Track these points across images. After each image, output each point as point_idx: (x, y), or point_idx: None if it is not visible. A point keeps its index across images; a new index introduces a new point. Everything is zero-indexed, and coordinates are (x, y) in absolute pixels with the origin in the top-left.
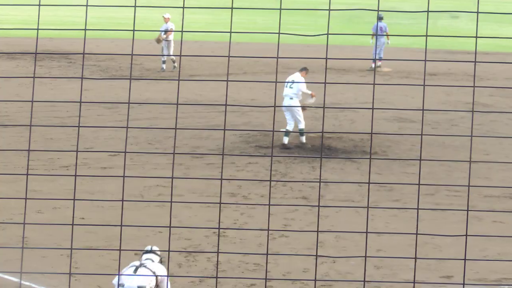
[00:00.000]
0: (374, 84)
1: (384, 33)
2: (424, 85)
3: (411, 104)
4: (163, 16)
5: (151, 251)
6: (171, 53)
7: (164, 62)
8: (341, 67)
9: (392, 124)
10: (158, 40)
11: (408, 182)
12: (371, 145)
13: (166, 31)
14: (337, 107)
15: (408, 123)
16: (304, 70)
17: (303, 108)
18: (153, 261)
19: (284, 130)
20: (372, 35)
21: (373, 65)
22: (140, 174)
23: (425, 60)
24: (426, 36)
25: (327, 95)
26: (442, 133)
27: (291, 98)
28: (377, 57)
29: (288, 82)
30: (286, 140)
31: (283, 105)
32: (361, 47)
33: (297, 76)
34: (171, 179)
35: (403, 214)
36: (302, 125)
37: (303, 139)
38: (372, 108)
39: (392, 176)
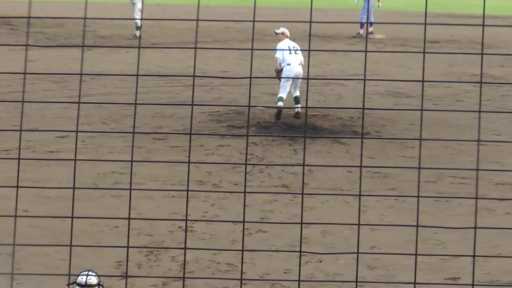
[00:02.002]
0: (365, 51)
1: None
2: (424, 53)
3: (409, 76)
4: None
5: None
6: (137, 17)
7: (138, 27)
8: (326, 34)
9: (387, 99)
10: None
11: (406, 166)
12: (362, 124)
13: None
14: (322, 78)
15: (405, 98)
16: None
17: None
18: None
19: (263, 106)
20: None
21: (360, 31)
22: (93, 158)
23: (424, 24)
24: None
25: (310, 66)
26: (445, 109)
27: (299, 64)
28: (366, 21)
29: (290, 49)
30: (281, 103)
31: (293, 71)
32: (349, 10)
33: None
34: (129, 163)
35: (400, 205)
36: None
37: (299, 108)
38: (364, 80)
39: (387, 160)
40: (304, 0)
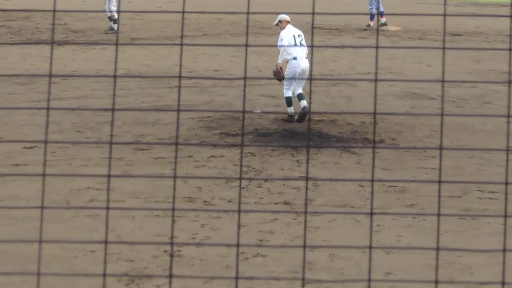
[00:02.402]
0: (377, 47)
1: None
2: (443, 48)
3: (428, 74)
4: None
5: None
6: (113, 8)
7: (111, 19)
8: (333, 26)
9: (403, 101)
10: None
11: (426, 180)
12: (374, 130)
13: None
14: (329, 78)
15: (424, 100)
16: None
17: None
18: None
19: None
20: None
21: (371, 23)
22: (65, 173)
23: (444, 15)
24: None
25: (315, 63)
26: (470, 113)
27: (306, 58)
28: (376, 12)
29: (296, 41)
30: (291, 110)
31: (301, 66)
32: None
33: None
34: (107, 178)
35: (420, 224)
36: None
37: (305, 103)
38: (375, 80)
39: (404, 173)
40: None
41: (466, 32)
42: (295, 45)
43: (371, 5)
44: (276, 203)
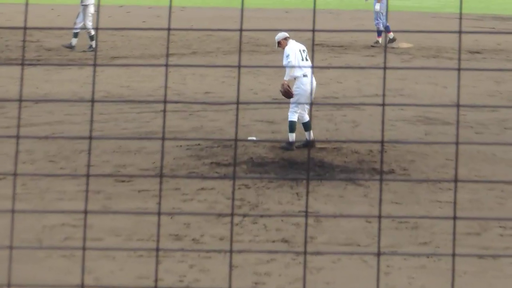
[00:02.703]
0: (384, 68)
1: None
2: (459, 69)
3: (443, 96)
4: None
5: None
6: (89, 24)
7: (76, 35)
8: (337, 43)
9: (416, 127)
10: None
11: (441, 215)
12: (381, 159)
13: None
14: (333, 103)
15: (439, 126)
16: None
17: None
18: None
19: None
20: None
21: (379, 39)
22: (38, 207)
23: (459, 32)
24: None
25: (320, 86)
26: (491, 140)
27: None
28: (383, 27)
29: (301, 52)
30: (293, 136)
31: (312, 85)
32: (366, 11)
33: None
34: (83, 214)
35: (434, 265)
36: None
37: (312, 134)
38: (383, 105)
39: (417, 207)
40: None
41: (486, 50)
42: (302, 59)
43: (378, 20)
44: (274, 242)
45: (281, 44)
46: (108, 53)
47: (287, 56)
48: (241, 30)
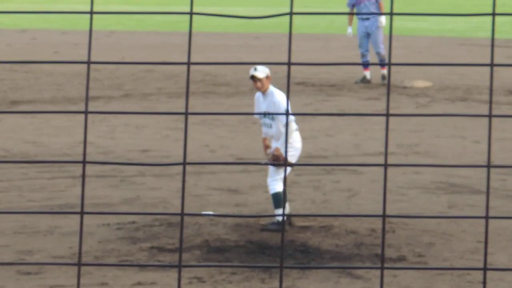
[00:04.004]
0: (387, 115)
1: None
2: (489, 116)
3: (475, 155)
4: None
5: None
6: None
7: None
8: (326, 81)
9: (436, 197)
10: None
11: None
12: (383, 241)
13: None
14: (321, 163)
15: (467, 196)
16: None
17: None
18: None
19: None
20: (350, 13)
21: (366, 73)
22: None
23: (491, 65)
24: (494, 14)
25: (305, 141)
26: None
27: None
28: (377, 59)
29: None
30: (282, 211)
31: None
32: None
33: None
34: None
35: None
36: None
37: (288, 207)
38: (385, 164)
39: None
40: (283, 21)
41: None
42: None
43: (362, 47)
44: None
45: (263, 83)
46: (7, 96)
47: (288, 103)
48: (188, 63)
